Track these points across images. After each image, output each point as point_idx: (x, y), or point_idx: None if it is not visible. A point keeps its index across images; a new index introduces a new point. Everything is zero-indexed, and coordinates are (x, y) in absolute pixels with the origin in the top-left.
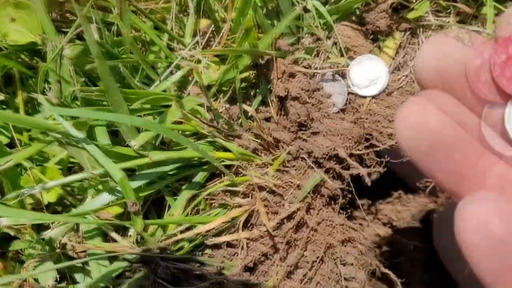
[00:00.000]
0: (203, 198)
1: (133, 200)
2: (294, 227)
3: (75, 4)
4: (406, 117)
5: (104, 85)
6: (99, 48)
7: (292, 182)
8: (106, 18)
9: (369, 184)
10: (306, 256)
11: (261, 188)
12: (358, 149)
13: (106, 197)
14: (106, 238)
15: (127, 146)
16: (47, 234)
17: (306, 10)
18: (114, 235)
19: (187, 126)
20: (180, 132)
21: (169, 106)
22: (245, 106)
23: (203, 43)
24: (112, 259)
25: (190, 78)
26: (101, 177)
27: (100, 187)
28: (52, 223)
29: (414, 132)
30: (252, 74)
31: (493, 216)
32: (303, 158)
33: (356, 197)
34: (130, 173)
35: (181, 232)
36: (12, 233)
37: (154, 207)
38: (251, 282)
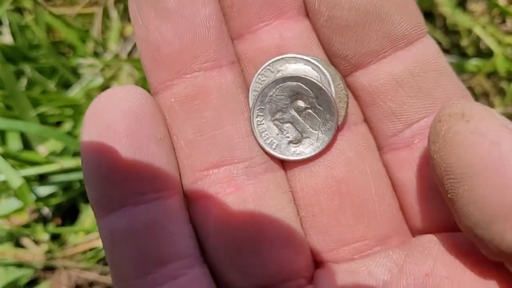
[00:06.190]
0: None
1: (32, 208)
2: None
3: None
4: None
5: (7, 90)
6: (1, 53)
7: None
8: (21, 22)
9: None
10: None
11: None
12: None
13: (15, 203)
14: (20, 243)
15: None
16: None
17: None
18: (25, 241)
19: None
20: None
21: None
22: None
23: (129, 49)
24: (21, 266)
25: (113, 83)
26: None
27: (11, 191)
28: None
29: None
30: None
31: None
32: None
33: None
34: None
35: (93, 240)
36: None
37: (73, 214)
38: None
